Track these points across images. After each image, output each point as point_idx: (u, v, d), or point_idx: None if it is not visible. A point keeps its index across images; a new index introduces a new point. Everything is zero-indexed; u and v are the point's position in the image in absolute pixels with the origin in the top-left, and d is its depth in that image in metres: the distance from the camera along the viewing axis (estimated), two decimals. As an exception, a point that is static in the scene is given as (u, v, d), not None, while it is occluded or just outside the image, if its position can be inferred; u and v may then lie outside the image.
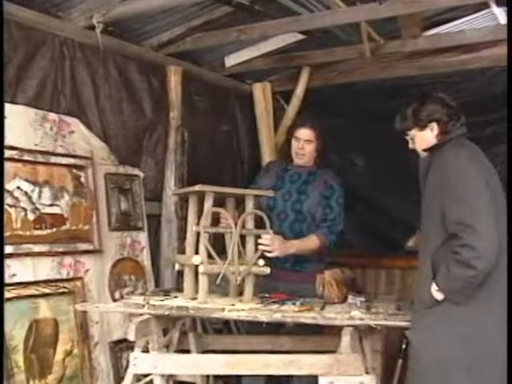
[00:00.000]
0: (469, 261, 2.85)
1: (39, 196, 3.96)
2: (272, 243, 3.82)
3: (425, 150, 3.22)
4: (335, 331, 3.43)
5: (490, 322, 2.95)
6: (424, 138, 3.19)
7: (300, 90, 5.84)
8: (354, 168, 6.08)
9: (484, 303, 2.95)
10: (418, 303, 3.15)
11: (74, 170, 4.23)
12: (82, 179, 4.28)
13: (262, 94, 5.90)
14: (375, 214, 6.01)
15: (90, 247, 4.25)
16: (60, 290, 3.97)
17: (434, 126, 3.16)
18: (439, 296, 2.99)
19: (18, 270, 3.76)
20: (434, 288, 2.99)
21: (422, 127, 3.18)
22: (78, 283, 4.11)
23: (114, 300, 4.26)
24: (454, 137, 3.14)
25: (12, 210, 3.77)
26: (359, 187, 5.91)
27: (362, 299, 3.63)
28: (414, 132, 3.22)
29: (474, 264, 2.85)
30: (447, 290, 2.96)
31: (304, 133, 4.25)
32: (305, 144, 4.24)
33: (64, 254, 4.06)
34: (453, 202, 2.94)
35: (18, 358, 3.66)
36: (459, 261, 2.88)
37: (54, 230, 4.02)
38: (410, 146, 3.28)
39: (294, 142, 4.29)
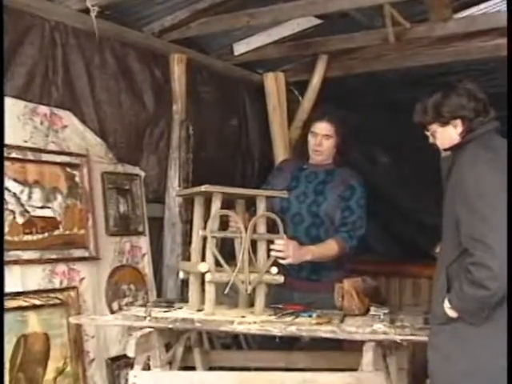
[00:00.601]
0: (482, 281, 2.80)
1: (29, 197, 3.94)
2: (286, 249, 3.80)
3: (446, 150, 3.17)
4: (356, 347, 3.40)
5: (506, 343, 2.89)
6: (446, 135, 3.12)
7: (316, 81, 5.84)
8: (378, 166, 6.08)
9: (501, 323, 2.89)
10: (433, 318, 3.12)
11: (68, 169, 4.22)
12: (77, 179, 4.27)
13: (274, 84, 5.91)
14: (401, 216, 6.01)
15: (86, 254, 4.23)
16: (52, 302, 3.95)
17: (458, 122, 3.07)
18: (452, 314, 2.95)
19: (5, 279, 3.71)
20: (446, 305, 2.95)
21: (444, 123, 3.11)
22: (72, 293, 4.09)
23: (112, 312, 4.26)
24: (479, 135, 3.06)
25: (-1, 213, 3.77)
26: (383, 187, 5.91)
27: (386, 311, 3.61)
28: (434, 127, 3.15)
29: (488, 285, 2.79)
30: (460, 309, 2.92)
31: (321, 127, 4.23)
32: (323, 139, 4.23)
33: (56, 261, 4.04)
34: (466, 213, 2.88)
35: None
36: (471, 280, 2.82)
37: (46, 234, 4.01)
38: (430, 140, 3.22)
39: (310, 138, 4.28)
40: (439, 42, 5.19)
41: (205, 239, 3.70)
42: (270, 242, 3.80)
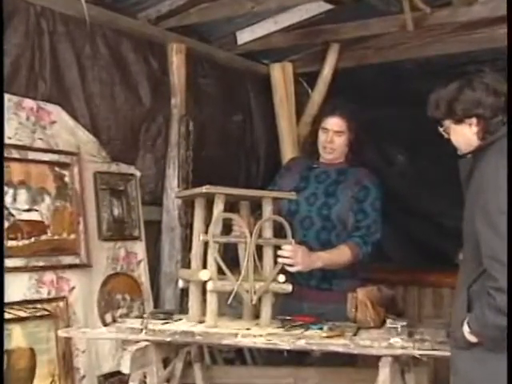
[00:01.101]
0: (505, 308, 2.76)
1: (14, 199, 3.92)
2: (294, 255, 3.79)
3: (465, 154, 3.09)
4: (371, 362, 3.39)
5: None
6: (460, 134, 3.06)
7: (327, 72, 5.85)
8: (394, 165, 6.05)
9: None
10: (451, 340, 3.08)
11: (57, 168, 4.21)
12: (67, 179, 4.26)
13: (281, 76, 5.93)
14: (420, 219, 5.99)
15: (76, 261, 4.22)
16: (38, 313, 3.93)
17: (473, 121, 2.99)
18: (472, 339, 2.90)
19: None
20: (466, 329, 2.91)
21: (458, 121, 3.06)
22: (61, 304, 4.08)
23: (105, 324, 4.24)
24: (499, 138, 2.98)
25: (-19, 217, 3.76)
26: (400, 188, 5.90)
27: (404, 323, 3.59)
28: (447, 123, 3.10)
29: None
30: (481, 335, 2.87)
31: (333, 123, 4.23)
32: (334, 136, 4.23)
33: (44, 269, 4.02)
34: (487, 228, 2.81)
35: (-16, 398, 3.62)
36: (494, 306, 2.78)
37: (32, 240, 3.99)
38: (446, 136, 3.16)
39: (320, 134, 4.28)
40: (463, 28, 5.16)
41: (206, 244, 3.68)
42: (277, 247, 3.78)
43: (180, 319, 3.85)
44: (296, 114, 5.97)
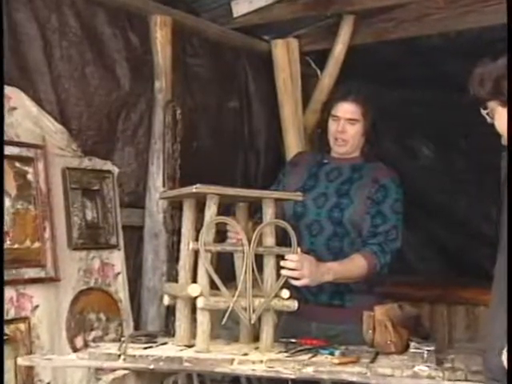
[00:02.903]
0: None
1: (-35, 201, 3.94)
2: (300, 266, 3.76)
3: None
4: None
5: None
6: (506, 119, 3.06)
7: (340, 49, 5.88)
8: (419, 160, 6.05)
9: None
10: (485, 370, 3.04)
11: (18, 164, 4.22)
12: (30, 177, 4.27)
13: (285, 54, 5.96)
14: (450, 225, 5.98)
15: (41, 274, 4.23)
16: (-6, 337, 3.95)
17: None
18: None
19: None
20: (505, 357, 2.87)
21: (506, 102, 3.04)
22: (22, 326, 4.08)
23: (75, 349, 4.25)
24: None
25: None
26: (426, 188, 5.88)
27: (431, 348, 3.58)
28: (492, 105, 3.07)
29: None
30: None
31: (345, 109, 4.22)
32: (346, 125, 4.22)
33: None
34: None
35: None
36: None
37: (-12, 249, 4.00)
38: (489, 120, 3.14)
39: (331, 123, 4.28)
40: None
41: (196, 254, 3.67)
42: (280, 257, 3.77)
43: (165, 343, 3.83)
44: (302, 100, 6.00)
